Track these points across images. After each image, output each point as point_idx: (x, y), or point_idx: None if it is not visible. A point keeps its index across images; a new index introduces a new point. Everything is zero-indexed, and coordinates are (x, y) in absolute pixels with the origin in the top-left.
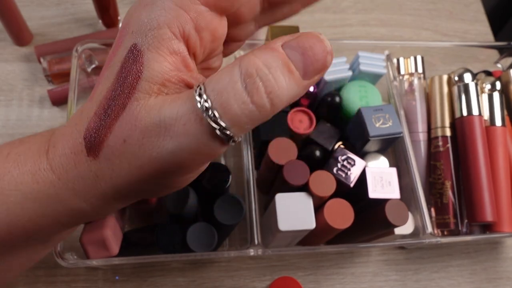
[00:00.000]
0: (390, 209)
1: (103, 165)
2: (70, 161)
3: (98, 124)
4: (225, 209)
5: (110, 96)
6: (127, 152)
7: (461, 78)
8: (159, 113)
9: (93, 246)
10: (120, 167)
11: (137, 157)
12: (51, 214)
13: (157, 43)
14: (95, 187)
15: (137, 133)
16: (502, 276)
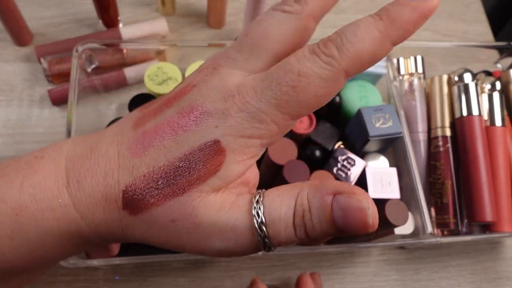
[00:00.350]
0: (390, 209)
1: (137, 224)
2: (99, 206)
3: (147, 191)
4: None
5: (172, 171)
6: (171, 230)
7: (461, 78)
8: (217, 214)
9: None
10: (156, 236)
11: (180, 239)
12: (70, 248)
13: (244, 149)
14: (118, 233)
15: (188, 223)
16: (502, 276)
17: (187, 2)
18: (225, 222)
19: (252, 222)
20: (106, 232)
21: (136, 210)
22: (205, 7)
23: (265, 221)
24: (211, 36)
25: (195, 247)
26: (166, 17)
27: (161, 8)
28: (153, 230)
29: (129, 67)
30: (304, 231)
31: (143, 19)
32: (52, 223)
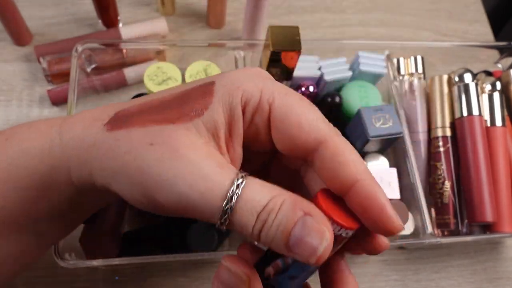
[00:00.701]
0: None
1: (108, 140)
2: (81, 123)
3: (137, 111)
4: None
5: (165, 103)
6: (144, 153)
7: (461, 78)
8: (201, 160)
9: (93, 246)
10: (120, 159)
11: (147, 167)
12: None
13: (227, 100)
14: (84, 153)
15: (167, 149)
16: (502, 276)
17: (187, 2)
18: (205, 174)
19: (226, 194)
20: (74, 148)
21: (116, 125)
22: (205, 7)
23: (236, 203)
24: (211, 36)
25: (157, 181)
26: (166, 17)
27: (160, 8)
28: (122, 150)
29: (128, 67)
30: (260, 227)
31: (142, 19)
32: (33, 140)
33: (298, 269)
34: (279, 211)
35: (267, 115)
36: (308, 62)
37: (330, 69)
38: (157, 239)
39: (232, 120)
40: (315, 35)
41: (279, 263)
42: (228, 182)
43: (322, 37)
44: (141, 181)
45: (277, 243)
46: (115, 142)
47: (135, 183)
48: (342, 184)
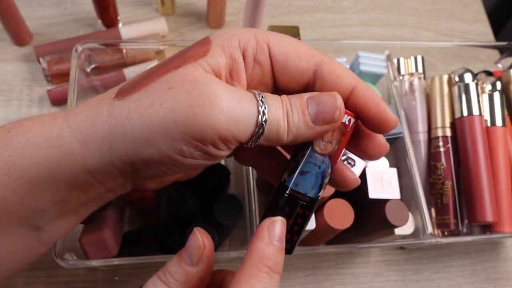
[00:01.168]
0: (390, 209)
1: (125, 106)
2: (88, 107)
3: (141, 77)
4: (225, 209)
5: (165, 63)
6: (167, 96)
7: (462, 78)
8: (223, 88)
9: (93, 246)
10: (148, 107)
11: (177, 102)
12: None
13: (225, 44)
14: (100, 128)
15: (189, 84)
16: (503, 277)
17: (187, 2)
18: (236, 91)
19: (258, 108)
20: (86, 130)
21: (128, 92)
22: (205, 7)
23: (267, 119)
24: None
25: (194, 112)
26: (166, 17)
27: (160, 8)
28: (145, 105)
29: (128, 67)
30: (287, 119)
31: (142, 19)
32: (38, 130)
33: (307, 164)
34: (290, 100)
35: (268, 53)
36: None
37: None
38: (157, 239)
39: (233, 62)
40: (315, 35)
41: (291, 163)
42: (253, 97)
43: (322, 37)
44: (175, 120)
45: (301, 127)
46: (134, 102)
47: (167, 128)
48: (344, 90)
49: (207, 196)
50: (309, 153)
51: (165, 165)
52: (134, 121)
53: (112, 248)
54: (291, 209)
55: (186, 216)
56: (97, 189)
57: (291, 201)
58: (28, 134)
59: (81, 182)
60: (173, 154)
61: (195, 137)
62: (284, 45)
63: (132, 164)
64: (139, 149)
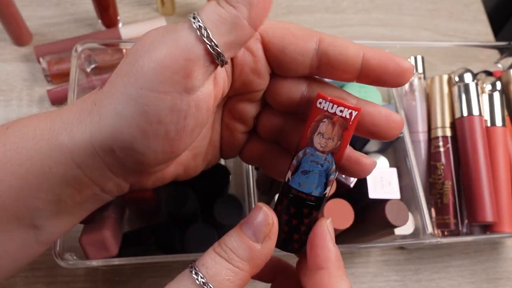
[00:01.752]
0: (390, 210)
1: (104, 90)
2: (79, 104)
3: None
4: (225, 209)
5: None
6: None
7: (462, 78)
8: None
9: (93, 246)
10: (116, 84)
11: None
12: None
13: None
14: (84, 118)
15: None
16: (503, 277)
17: (187, 2)
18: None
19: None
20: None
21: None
22: None
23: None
24: None
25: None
26: (166, 17)
27: (160, 8)
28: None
29: None
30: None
31: (142, 19)
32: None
33: (309, 163)
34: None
35: (259, 40)
36: None
37: None
38: (157, 239)
39: None
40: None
41: (294, 162)
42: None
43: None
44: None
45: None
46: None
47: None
48: (353, 61)
49: (207, 196)
50: (310, 152)
51: (137, 142)
52: (106, 101)
53: (112, 248)
54: (297, 209)
55: (186, 216)
56: (90, 188)
57: (295, 201)
58: (24, 128)
59: (73, 178)
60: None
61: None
62: (275, 28)
63: (113, 154)
64: (111, 129)
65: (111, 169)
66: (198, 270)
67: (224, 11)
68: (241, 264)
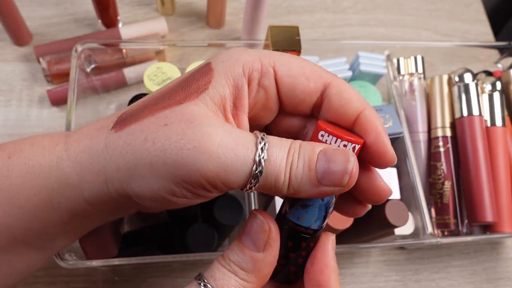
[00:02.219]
0: (390, 210)
1: (120, 139)
2: (88, 135)
3: (142, 107)
4: (225, 209)
5: (166, 94)
6: (160, 133)
7: (461, 78)
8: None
9: (93, 246)
10: (141, 143)
11: (169, 141)
12: (45, 189)
13: (229, 72)
14: (96, 161)
15: (184, 123)
16: (503, 277)
17: (187, 2)
18: (234, 134)
19: (254, 157)
20: (84, 162)
21: (125, 123)
22: (205, 7)
23: (263, 170)
24: (210, 36)
25: (184, 154)
26: (166, 17)
27: (160, 8)
28: (139, 140)
29: (128, 67)
30: (289, 170)
31: (142, 19)
32: (38, 158)
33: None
34: (300, 149)
35: (274, 76)
36: None
37: (330, 69)
38: (157, 239)
39: (236, 91)
40: (315, 35)
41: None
42: (253, 144)
43: (322, 37)
44: (164, 161)
45: (305, 182)
46: (129, 136)
47: (158, 168)
48: (351, 115)
49: None
50: None
51: (159, 202)
52: (128, 157)
53: (112, 248)
54: (294, 243)
55: (186, 216)
56: (99, 215)
57: (294, 235)
58: (29, 162)
59: (82, 211)
60: (165, 194)
61: (185, 180)
62: (290, 67)
63: (128, 197)
64: (133, 185)
65: (124, 206)
66: (206, 282)
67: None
68: (247, 276)
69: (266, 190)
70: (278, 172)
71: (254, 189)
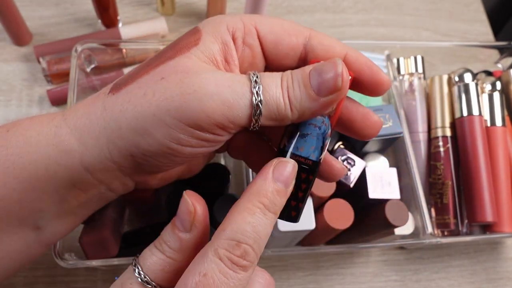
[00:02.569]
0: (390, 209)
1: (119, 99)
2: (84, 104)
3: (136, 70)
4: (225, 209)
5: (158, 56)
6: (158, 86)
7: (461, 78)
8: (214, 73)
9: (93, 246)
10: (141, 97)
11: (169, 90)
12: (41, 158)
13: (215, 30)
14: (96, 123)
15: (180, 74)
16: (503, 277)
17: (187, 2)
18: (227, 77)
19: (251, 90)
20: (82, 126)
21: (121, 85)
22: (205, 7)
23: (262, 99)
24: None
25: (185, 99)
26: (166, 17)
27: (160, 7)
28: (138, 96)
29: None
30: (287, 95)
31: (142, 19)
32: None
33: (307, 126)
34: (292, 75)
35: (256, 35)
36: None
37: None
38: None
39: (225, 47)
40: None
41: (289, 129)
42: (247, 80)
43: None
44: (168, 108)
45: (305, 100)
46: (127, 94)
47: (162, 117)
48: None
49: (207, 196)
50: None
51: (164, 156)
52: (129, 113)
53: (112, 248)
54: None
55: None
56: (97, 188)
57: None
58: (27, 133)
59: (80, 181)
60: (170, 143)
61: (190, 124)
62: (271, 25)
63: (131, 158)
64: (137, 140)
65: (124, 172)
66: (137, 262)
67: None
68: (173, 254)
69: (272, 120)
70: (277, 98)
71: (262, 123)
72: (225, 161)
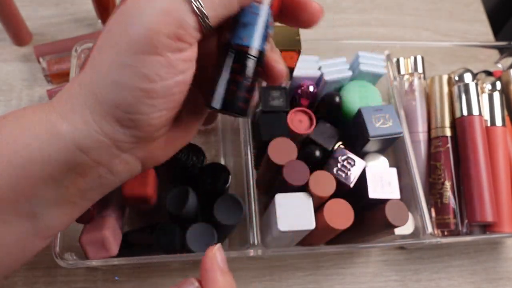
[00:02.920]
0: (390, 209)
1: (87, 71)
2: (66, 89)
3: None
4: (225, 209)
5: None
6: (109, 38)
7: (461, 78)
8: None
9: (93, 246)
10: (99, 58)
11: (115, 34)
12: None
13: None
14: (76, 101)
15: (120, 17)
16: (503, 277)
17: None
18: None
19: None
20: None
21: (86, 58)
22: None
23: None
24: None
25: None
26: None
27: None
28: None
29: None
30: None
31: None
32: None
33: (247, 15)
34: None
35: None
36: (308, 62)
37: (330, 69)
38: (157, 239)
39: None
40: (315, 35)
41: (231, 20)
42: None
43: (322, 37)
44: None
45: None
46: (91, 63)
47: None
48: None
49: (207, 196)
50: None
51: (143, 103)
52: (99, 68)
53: (112, 248)
54: (241, 65)
55: (186, 216)
56: (96, 170)
57: (239, 56)
58: (20, 119)
59: (76, 164)
60: (141, 83)
61: (146, 50)
62: None
63: (118, 124)
64: (113, 99)
65: (116, 144)
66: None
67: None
68: None
69: (217, 6)
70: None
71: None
72: (225, 161)
